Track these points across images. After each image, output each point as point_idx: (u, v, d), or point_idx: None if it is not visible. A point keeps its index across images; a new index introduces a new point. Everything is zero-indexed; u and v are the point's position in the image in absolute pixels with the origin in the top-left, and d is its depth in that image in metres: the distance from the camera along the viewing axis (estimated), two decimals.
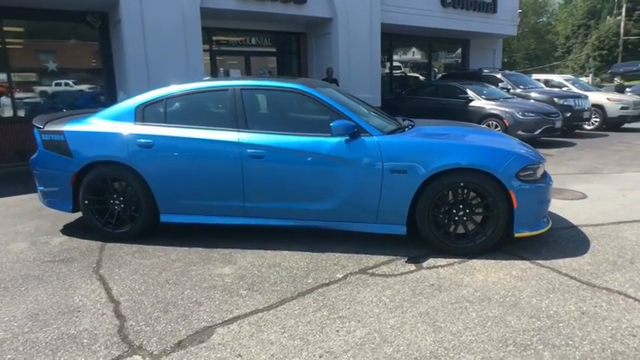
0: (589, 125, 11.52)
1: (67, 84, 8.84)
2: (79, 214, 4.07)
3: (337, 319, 2.55)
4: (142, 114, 3.73)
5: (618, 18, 44.54)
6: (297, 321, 2.54)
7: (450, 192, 3.40)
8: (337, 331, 2.44)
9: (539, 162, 3.48)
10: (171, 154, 3.61)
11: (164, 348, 2.31)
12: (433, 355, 2.20)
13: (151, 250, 3.63)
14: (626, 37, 43.43)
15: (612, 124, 11.70)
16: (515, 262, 3.31)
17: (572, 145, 9.42)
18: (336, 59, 10.39)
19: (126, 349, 2.30)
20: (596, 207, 4.69)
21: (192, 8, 8.16)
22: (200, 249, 3.64)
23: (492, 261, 3.33)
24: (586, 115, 10.79)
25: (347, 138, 3.41)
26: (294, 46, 11.41)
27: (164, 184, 3.65)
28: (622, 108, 11.49)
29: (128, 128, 3.68)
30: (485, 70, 12.12)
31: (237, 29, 10.36)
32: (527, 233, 3.43)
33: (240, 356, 2.23)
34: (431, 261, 3.36)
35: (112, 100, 8.82)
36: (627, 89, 21.13)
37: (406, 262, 3.36)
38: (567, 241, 3.72)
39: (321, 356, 2.21)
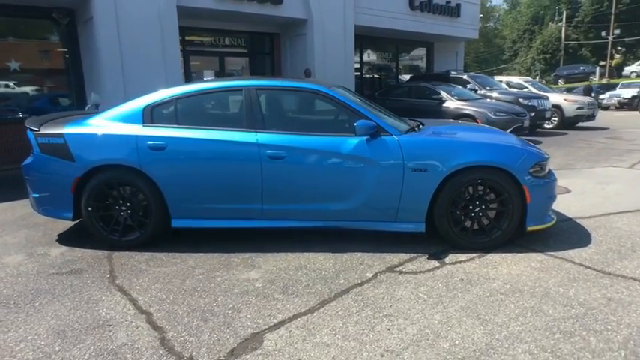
0: (549, 124, 12.22)
1: (15, 85, 8.20)
2: (70, 223, 3.84)
3: (384, 318, 2.56)
4: (151, 115, 3.56)
5: (559, 24, 47.59)
6: (344, 322, 2.52)
7: (468, 189, 3.50)
8: (388, 329, 2.45)
9: (547, 159, 3.65)
10: (184, 157, 3.47)
11: (218, 357, 2.22)
12: (489, 347, 2.26)
13: (164, 258, 3.48)
14: (566, 42, 46.48)
15: (569, 123, 12.47)
16: (530, 254, 3.46)
17: (539, 143, 9.94)
18: (312, 60, 10.40)
19: None
20: (583, 200, 4.99)
21: (168, 7, 7.88)
22: (217, 254, 3.52)
23: (509, 254, 3.46)
24: (547, 114, 11.44)
25: (368, 137, 3.42)
26: (267, 47, 11.29)
27: (176, 188, 3.50)
28: (578, 108, 12.28)
29: (137, 130, 3.50)
30: (452, 72, 12.55)
31: (210, 29, 10.12)
32: (537, 227, 3.59)
33: None
34: (451, 257, 3.44)
35: (80, 102, 8.37)
36: (573, 90, 22.68)
37: (428, 258, 3.42)
38: (569, 233, 3.93)
39: (382, 355, 2.21)
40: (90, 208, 3.57)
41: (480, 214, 3.53)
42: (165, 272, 3.22)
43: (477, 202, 3.52)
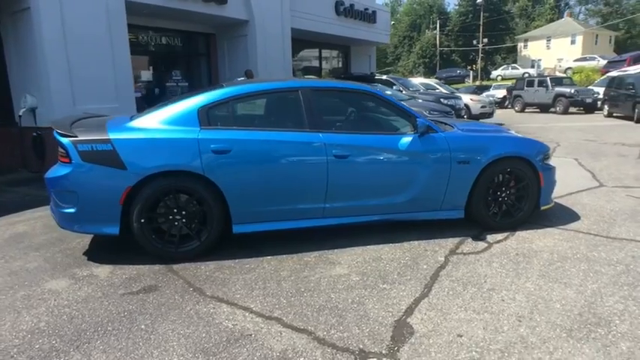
0: None
1: None
2: (82, 239, 3.47)
3: (490, 292, 2.89)
4: (207, 117, 3.39)
5: (434, 32, 53.19)
6: (462, 299, 2.80)
7: (498, 177, 4.01)
8: (503, 300, 2.79)
9: (549, 149, 4.35)
10: (250, 160, 3.39)
11: (386, 345, 2.33)
12: (589, 303, 2.73)
13: (234, 265, 3.36)
14: (441, 48, 52.16)
15: (474, 120, 14.25)
16: (547, 229, 4.09)
17: None
18: (255, 62, 10.33)
19: (353, 357, 2.25)
20: None
21: (117, 2, 7.19)
22: (284, 256, 3.51)
23: (531, 231, 4.05)
24: (461, 113, 12.93)
25: (420, 135, 3.72)
26: (202, 47, 10.87)
27: (240, 192, 3.40)
28: (482, 107, 14.10)
29: (196, 133, 3.31)
30: (376, 74, 13.45)
31: (144, 26, 9.42)
32: (547, 206, 4.26)
33: (460, 335, 2.41)
34: (490, 237, 3.92)
35: (3, 104, 7.21)
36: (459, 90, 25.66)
37: (473, 240, 3.85)
38: (559, 210, 4.69)
39: (519, 320, 2.54)
40: (143, 220, 3.27)
41: (506, 198, 4.07)
42: (250, 279, 3.13)
43: (504, 188, 4.06)
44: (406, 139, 3.70)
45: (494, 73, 38.82)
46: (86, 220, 3.28)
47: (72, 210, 3.25)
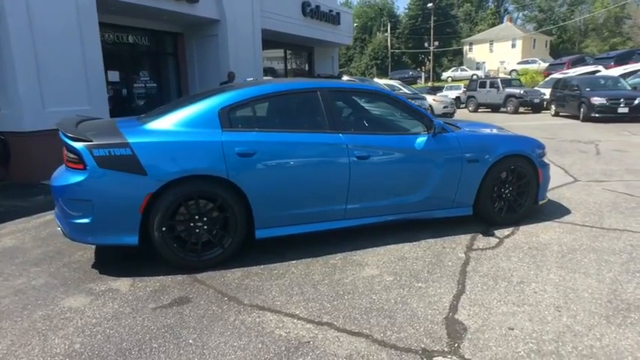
0: None
1: None
2: (82, 251, 3.27)
3: (521, 285, 3.01)
4: (228, 118, 3.27)
5: (385, 34, 54.51)
6: (498, 293, 2.89)
7: (502, 175, 4.18)
8: (535, 292, 2.91)
9: (545, 147, 4.59)
10: (275, 163, 3.31)
11: (447, 342, 2.36)
12: (612, 290, 2.92)
13: (260, 271, 3.27)
14: (392, 50, 53.53)
15: None
16: (546, 223, 4.32)
17: None
18: (227, 62, 10.09)
19: (418, 357, 2.27)
20: None
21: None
22: (309, 259, 3.46)
23: (532, 225, 4.26)
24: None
25: (434, 134, 3.81)
26: (170, 47, 10.47)
27: (264, 196, 3.31)
28: (444, 107, 14.64)
29: (219, 135, 3.19)
30: (343, 76, 13.59)
31: (109, 24, 8.92)
32: (543, 201, 4.50)
33: (512, 328, 2.49)
34: (498, 233, 4.08)
35: None
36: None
37: (484, 236, 3.99)
38: (550, 205, 4.97)
39: (558, 309, 2.66)
40: (164, 228, 3.10)
41: (509, 195, 4.26)
42: (284, 284, 3.06)
43: (507, 185, 4.24)
44: (422, 139, 3.77)
45: (444, 75, 40.45)
46: (102, 231, 3.06)
47: (86, 220, 3.01)
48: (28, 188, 6.04)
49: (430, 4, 41.98)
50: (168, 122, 3.23)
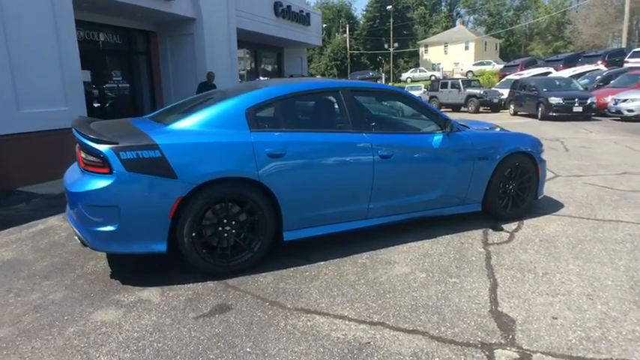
0: None
1: None
2: (84, 258, 3.11)
3: (547, 276, 3.15)
4: (255, 119, 3.19)
5: (344, 35, 55.10)
6: (529, 285, 3.01)
7: (507, 172, 4.35)
8: (563, 282, 3.05)
9: (543, 144, 4.82)
10: (303, 163, 3.26)
11: (500, 335, 2.43)
12: (631, 278, 3.11)
13: (292, 274, 3.21)
14: (351, 52, 54.18)
15: None
16: (546, 216, 4.54)
17: None
18: (203, 61, 9.83)
19: (481, 351, 2.31)
20: None
21: None
22: (337, 260, 3.45)
23: (534, 219, 4.46)
24: None
25: (449, 133, 3.90)
26: (142, 46, 10.05)
27: (293, 197, 3.25)
28: None
29: (248, 136, 3.10)
30: (318, 77, 13.60)
31: (80, 21, 8.43)
32: (541, 196, 4.72)
33: (555, 318, 2.59)
34: (506, 227, 4.24)
35: None
36: None
37: (494, 231, 4.13)
38: (543, 199, 5.21)
39: (590, 297, 2.81)
40: (194, 234, 2.98)
41: (513, 190, 4.43)
42: (322, 286, 3.02)
43: (510, 181, 4.41)
44: (438, 138, 3.85)
45: (404, 75, 41.46)
46: (129, 239, 2.88)
47: (111, 228, 2.84)
48: (4, 196, 5.60)
49: (389, 7, 42.89)
50: (194, 122, 3.11)
